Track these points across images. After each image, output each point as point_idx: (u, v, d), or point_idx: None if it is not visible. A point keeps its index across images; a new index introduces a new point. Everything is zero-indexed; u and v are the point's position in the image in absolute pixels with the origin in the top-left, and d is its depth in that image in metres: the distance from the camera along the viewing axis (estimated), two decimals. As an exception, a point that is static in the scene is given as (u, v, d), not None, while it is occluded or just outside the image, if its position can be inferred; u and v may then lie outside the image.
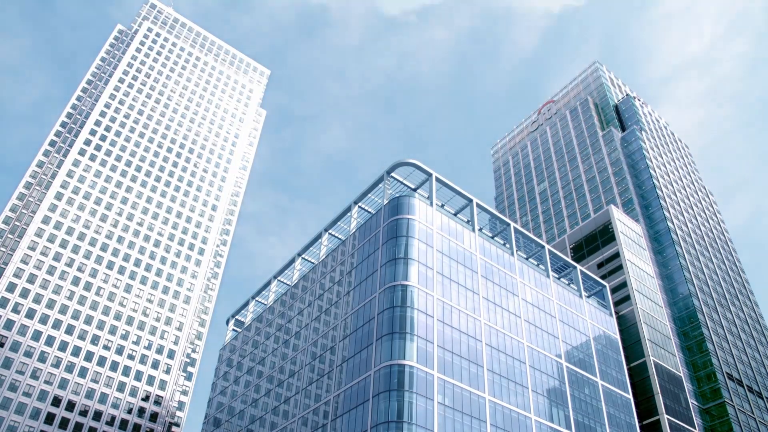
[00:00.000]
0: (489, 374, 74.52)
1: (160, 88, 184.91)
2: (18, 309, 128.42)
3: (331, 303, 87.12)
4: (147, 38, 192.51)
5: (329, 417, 73.71)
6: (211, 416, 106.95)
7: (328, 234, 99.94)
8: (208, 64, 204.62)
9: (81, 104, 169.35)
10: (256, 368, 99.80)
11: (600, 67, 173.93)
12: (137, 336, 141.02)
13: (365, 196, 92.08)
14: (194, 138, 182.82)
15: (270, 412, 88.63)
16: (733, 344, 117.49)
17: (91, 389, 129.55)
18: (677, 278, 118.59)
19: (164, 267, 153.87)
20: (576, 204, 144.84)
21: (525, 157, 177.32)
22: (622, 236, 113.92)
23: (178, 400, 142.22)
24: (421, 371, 67.04)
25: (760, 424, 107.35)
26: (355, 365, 73.11)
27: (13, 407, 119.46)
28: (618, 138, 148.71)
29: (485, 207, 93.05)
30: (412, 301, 72.13)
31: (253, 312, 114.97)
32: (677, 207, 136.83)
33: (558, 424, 78.10)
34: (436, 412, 65.54)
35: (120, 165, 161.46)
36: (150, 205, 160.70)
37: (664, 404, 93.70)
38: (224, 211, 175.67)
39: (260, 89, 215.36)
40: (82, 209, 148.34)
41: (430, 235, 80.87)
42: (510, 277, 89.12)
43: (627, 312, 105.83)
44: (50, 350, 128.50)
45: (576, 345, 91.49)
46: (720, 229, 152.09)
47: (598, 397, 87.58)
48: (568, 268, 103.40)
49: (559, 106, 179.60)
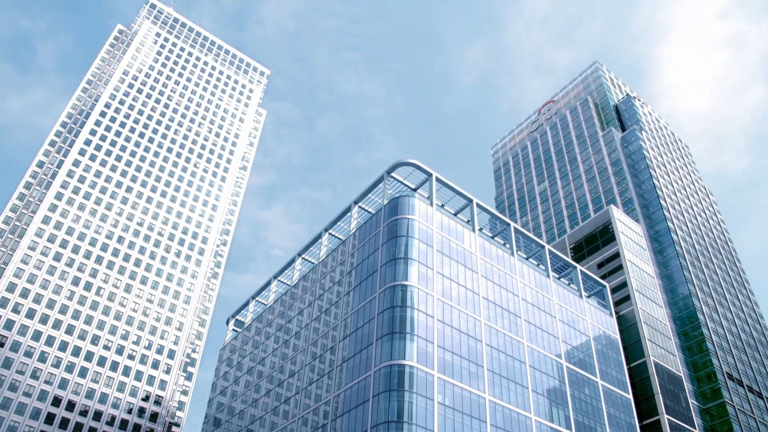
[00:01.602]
0: (489, 374, 74.52)
1: (160, 88, 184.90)
2: (18, 309, 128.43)
3: (331, 303, 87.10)
4: (147, 38, 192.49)
5: (329, 417, 73.71)
6: (211, 416, 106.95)
7: (328, 234, 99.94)
8: (208, 64, 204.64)
9: (81, 104, 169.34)
10: (256, 368, 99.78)
11: (600, 67, 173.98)
12: (137, 336, 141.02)
13: (365, 196, 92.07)
14: (194, 138, 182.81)
15: (270, 412, 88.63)
16: (733, 344, 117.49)
17: (91, 389, 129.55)
18: (677, 278, 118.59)
19: (164, 267, 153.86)
20: (576, 204, 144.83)
21: (525, 157, 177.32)
22: (622, 236, 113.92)
23: (178, 400, 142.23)
24: (421, 371, 67.04)
25: (760, 424, 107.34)
26: (355, 365, 73.10)
27: (13, 407, 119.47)
28: (618, 138, 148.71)
29: (485, 207, 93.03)
30: (412, 301, 72.13)
31: (253, 312, 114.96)
32: (677, 207, 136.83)
33: (558, 424, 78.09)
34: (436, 412, 65.54)
35: (120, 165, 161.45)
36: (150, 205, 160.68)
37: (664, 404, 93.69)
38: (224, 211, 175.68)
39: (260, 89, 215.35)
40: (82, 209, 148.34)
41: (430, 235, 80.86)
42: (510, 277, 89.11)
43: (627, 312, 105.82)
44: (50, 350, 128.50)
45: (576, 345, 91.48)
46: (720, 229, 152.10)
47: (598, 397, 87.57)
48: (568, 268, 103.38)
49: (559, 106, 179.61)
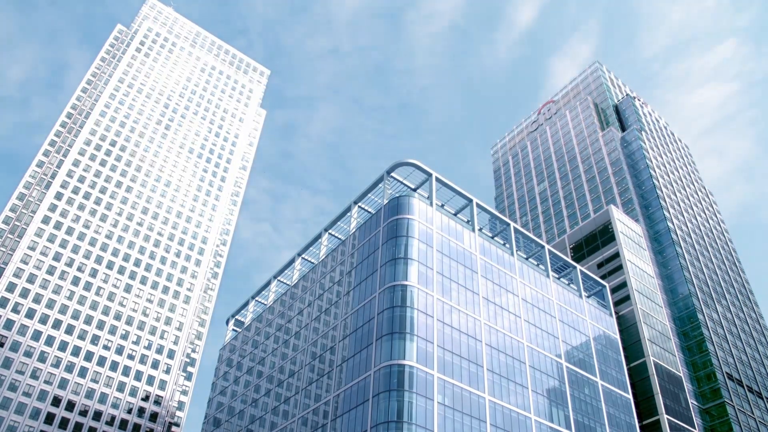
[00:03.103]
0: (489, 374, 74.51)
1: (160, 88, 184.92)
2: (18, 309, 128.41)
3: (331, 303, 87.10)
4: (147, 38, 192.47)
5: (329, 417, 73.70)
6: (211, 416, 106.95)
7: (328, 234, 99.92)
8: (208, 64, 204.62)
9: (81, 104, 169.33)
10: (256, 368, 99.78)
11: (600, 67, 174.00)
12: (137, 336, 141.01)
13: (365, 196, 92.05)
14: (194, 138, 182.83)
15: (270, 412, 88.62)
16: (733, 344, 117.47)
17: (91, 389, 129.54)
18: (677, 278, 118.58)
19: (164, 267, 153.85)
20: (576, 204, 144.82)
21: (525, 157, 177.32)
22: (622, 236, 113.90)
23: (178, 400, 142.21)
24: (421, 371, 67.03)
25: (760, 424, 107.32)
26: (355, 365, 73.09)
27: (13, 407, 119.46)
28: (618, 138, 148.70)
29: (485, 207, 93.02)
30: (412, 301, 72.12)
31: (253, 312, 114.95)
32: (677, 207, 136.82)
33: (558, 424, 78.09)
34: (436, 412, 65.53)
35: (120, 165, 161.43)
36: (150, 205, 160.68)
37: (664, 404, 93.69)
38: (224, 211, 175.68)
39: (260, 89, 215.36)
40: (82, 209, 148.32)
41: (430, 235, 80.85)
42: (510, 277, 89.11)
43: (627, 312, 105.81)
44: (50, 350, 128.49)
45: (576, 345, 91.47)
46: (720, 229, 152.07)
47: (598, 397, 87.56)
48: (568, 268, 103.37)
49: (559, 106, 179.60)
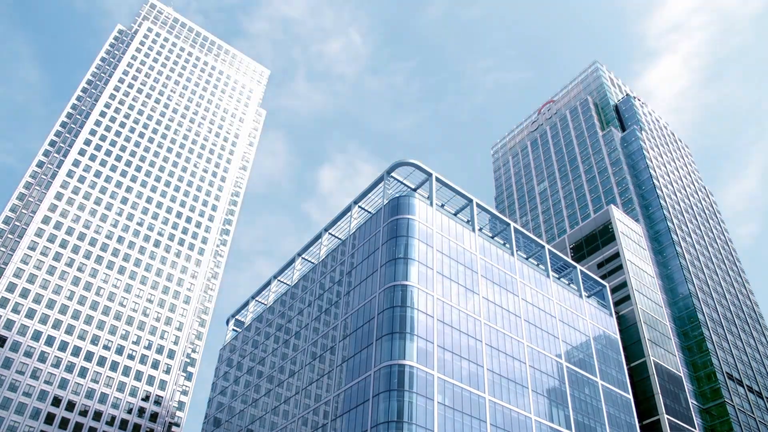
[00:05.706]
0: (489, 374, 74.52)
1: (160, 88, 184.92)
2: (18, 309, 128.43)
3: (331, 303, 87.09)
4: (147, 38, 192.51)
5: (329, 417, 73.70)
6: (211, 416, 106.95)
7: (328, 234, 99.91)
8: (208, 64, 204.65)
9: (81, 104, 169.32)
10: (256, 368, 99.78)
11: (600, 67, 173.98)
12: (137, 336, 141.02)
13: (365, 196, 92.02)
14: (194, 138, 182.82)
15: (270, 412, 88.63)
16: (733, 344, 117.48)
17: (91, 389, 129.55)
18: (677, 278, 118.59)
19: (164, 267, 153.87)
20: (576, 204, 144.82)
21: (525, 157, 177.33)
22: (622, 236, 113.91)
23: (178, 400, 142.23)
24: (421, 371, 67.03)
25: (760, 424, 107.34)
26: (355, 365, 73.08)
27: (13, 407, 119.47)
28: (618, 138, 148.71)
29: (485, 207, 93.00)
30: (412, 301, 72.12)
31: (253, 312, 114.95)
32: (677, 207, 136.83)
33: (558, 424, 78.09)
34: (436, 412, 65.54)
35: (120, 165, 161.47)
36: (150, 205, 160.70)
37: (664, 404, 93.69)
38: (224, 211, 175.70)
39: (260, 89, 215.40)
40: (82, 209, 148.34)
41: (430, 235, 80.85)
42: (510, 277, 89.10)
43: (627, 312, 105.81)
44: (50, 350, 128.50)
45: (576, 345, 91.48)
46: (720, 229, 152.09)
47: (598, 397, 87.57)
48: (568, 268, 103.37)
49: (559, 106, 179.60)
